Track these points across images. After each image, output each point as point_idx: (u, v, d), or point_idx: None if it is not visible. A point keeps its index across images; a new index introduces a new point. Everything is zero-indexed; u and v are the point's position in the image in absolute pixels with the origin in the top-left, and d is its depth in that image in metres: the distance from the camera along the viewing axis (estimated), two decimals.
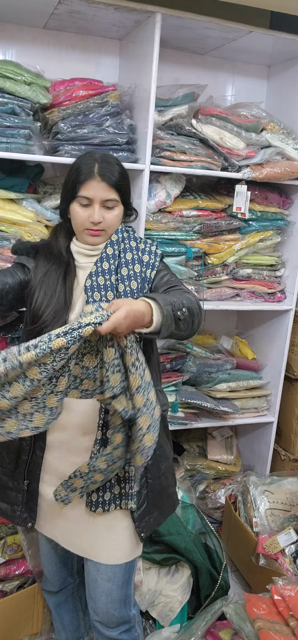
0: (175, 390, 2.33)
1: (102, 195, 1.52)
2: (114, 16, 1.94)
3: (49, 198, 2.08)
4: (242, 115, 2.28)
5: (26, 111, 1.92)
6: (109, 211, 1.54)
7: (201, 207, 2.26)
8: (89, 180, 1.51)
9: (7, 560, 1.99)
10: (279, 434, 2.67)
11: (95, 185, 1.51)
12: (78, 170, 1.54)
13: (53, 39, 2.18)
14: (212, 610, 1.89)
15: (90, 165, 1.53)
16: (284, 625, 1.63)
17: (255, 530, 2.17)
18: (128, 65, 2.21)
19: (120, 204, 1.57)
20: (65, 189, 1.58)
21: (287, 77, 2.41)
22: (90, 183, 1.51)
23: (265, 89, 2.57)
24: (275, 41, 2.13)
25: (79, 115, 2.00)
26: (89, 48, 2.24)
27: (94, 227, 1.53)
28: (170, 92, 2.18)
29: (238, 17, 2.00)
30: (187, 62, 2.40)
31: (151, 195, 2.14)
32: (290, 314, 2.46)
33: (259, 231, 2.39)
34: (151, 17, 1.91)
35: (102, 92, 2.04)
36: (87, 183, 1.51)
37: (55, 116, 1.98)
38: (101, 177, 1.51)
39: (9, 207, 1.97)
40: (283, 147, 2.26)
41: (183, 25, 2.01)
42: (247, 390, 2.53)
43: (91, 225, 1.53)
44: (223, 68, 2.48)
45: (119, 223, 1.60)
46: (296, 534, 2.05)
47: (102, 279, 1.51)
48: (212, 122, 2.19)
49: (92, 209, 1.53)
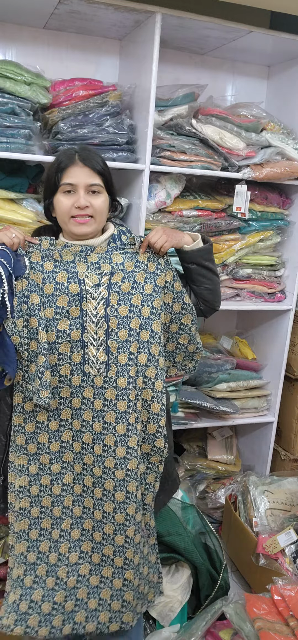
0: (175, 390, 2.33)
1: (86, 180, 1.51)
2: (114, 16, 1.94)
3: None
4: (242, 115, 2.28)
5: (26, 111, 1.92)
6: (94, 196, 1.53)
7: (201, 207, 2.26)
8: (71, 166, 1.51)
9: (7, 560, 1.99)
10: (279, 434, 2.67)
11: (78, 170, 1.51)
12: (58, 160, 1.54)
13: (53, 39, 2.18)
14: (212, 610, 1.89)
15: (70, 154, 1.54)
16: (284, 625, 1.63)
17: (255, 530, 2.17)
18: (128, 65, 2.21)
19: (105, 191, 1.56)
20: (47, 183, 1.57)
21: (287, 77, 2.41)
22: (73, 169, 1.51)
23: (265, 89, 2.57)
24: (275, 41, 2.13)
25: (79, 115, 2.00)
26: (89, 48, 2.24)
27: (81, 212, 1.51)
28: (170, 92, 2.18)
29: (238, 17, 1.99)
30: (187, 62, 2.40)
31: (151, 195, 2.14)
32: (290, 314, 2.46)
33: (259, 231, 2.39)
34: (151, 17, 1.91)
35: (102, 92, 2.04)
36: (69, 169, 1.51)
37: (55, 116, 1.98)
38: (83, 161, 1.51)
39: (9, 207, 1.97)
40: (283, 147, 2.26)
41: (183, 25, 2.01)
42: (247, 390, 2.53)
43: (77, 211, 1.51)
44: (223, 68, 2.48)
45: (107, 212, 1.60)
46: (296, 534, 2.05)
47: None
48: (212, 122, 2.19)
49: (76, 195, 1.51)
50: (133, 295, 1.59)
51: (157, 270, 1.63)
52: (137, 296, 1.60)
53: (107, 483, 1.61)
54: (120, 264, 1.60)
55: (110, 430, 1.60)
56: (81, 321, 1.56)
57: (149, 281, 1.62)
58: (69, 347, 1.57)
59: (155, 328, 1.61)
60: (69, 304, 1.55)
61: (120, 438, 1.60)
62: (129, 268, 1.60)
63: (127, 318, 1.58)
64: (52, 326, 1.54)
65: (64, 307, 1.55)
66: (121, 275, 1.59)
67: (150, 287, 1.61)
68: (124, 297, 1.58)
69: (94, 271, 1.58)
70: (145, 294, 1.61)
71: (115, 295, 1.58)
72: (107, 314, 1.57)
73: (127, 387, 1.59)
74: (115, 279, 1.59)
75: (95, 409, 1.60)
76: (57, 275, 1.56)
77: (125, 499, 1.60)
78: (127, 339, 1.58)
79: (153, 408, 1.64)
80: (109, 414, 1.59)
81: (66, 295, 1.55)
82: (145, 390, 1.63)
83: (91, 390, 1.59)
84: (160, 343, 1.63)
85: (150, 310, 1.61)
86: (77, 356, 1.58)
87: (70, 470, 1.65)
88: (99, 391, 1.59)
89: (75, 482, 1.66)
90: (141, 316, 1.60)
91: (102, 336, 1.57)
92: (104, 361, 1.58)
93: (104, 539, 1.64)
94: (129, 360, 1.59)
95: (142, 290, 1.60)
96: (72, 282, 1.56)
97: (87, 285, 1.56)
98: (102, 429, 1.60)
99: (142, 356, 1.61)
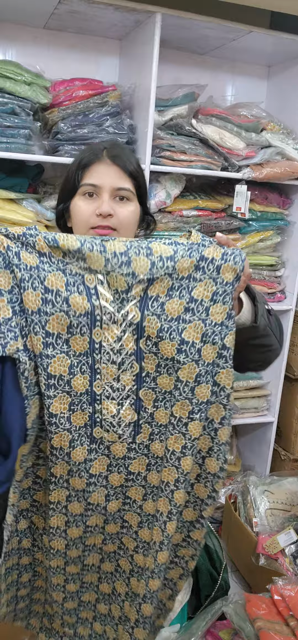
0: None
1: (113, 181, 1.16)
2: (114, 16, 1.94)
3: (49, 198, 2.07)
4: (242, 115, 2.28)
5: (26, 111, 1.92)
6: (121, 204, 1.17)
7: (201, 207, 2.26)
8: (96, 163, 1.17)
9: None
10: (279, 434, 2.67)
11: (104, 169, 1.17)
12: (82, 155, 1.21)
13: (53, 38, 2.18)
14: (212, 610, 1.89)
15: (97, 149, 1.20)
16: (284, 625, 1.63)
17: (255, 530, 2.17)
18: (128, 65, 2.21)
19: (136, 199, 1.20)
20: (65, 183, 1.24)
21: (287, 77, 2.41)
22: (98, 167, 1.17)
23: (265, 89, 2.57)
24: (275, 41, 2.13)
25: (79, 115, 2.00)
26: (89, 48, 2.24)
27: (102, 222, 1.14)
28: (170, 92, 2.18)
29: (238, 17, 1.99)
30: (187, 62, 2.40)
31: (151, 195, 2.14)
32: (290, 314, 2.46)
33: (259, 231, 2.39)
34: (151, 17, 1.91)
35: (102, 92, 2.04)
36: (94, 167, 1.17)
37: (55, 116, 1.98)
38: (112, 159, 1.18)
39: (9, 207, 1.96)
40: (283, 147, 2.26)
41: (183, 25, 2.00)
42: (247, 390, 2.53)
43: (98, 220, 1.14)
44: (223, 68, 2.48)
45: (135, 226, 1.21)
46: (296, 534, 2.05)
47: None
48: (212, 122, 2.19)
49: (99, 200, 1.16)
50: (187, 324, 0.98)
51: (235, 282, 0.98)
52: (195, 326, 0.98)
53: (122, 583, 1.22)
54: (168, 258, 0.97)
55: (134, 509, 1.12)
56: (91, 360, 0.99)
57: (220, 299, 0.97)
58: (66, 403, 1.00)
59: (223, 381, 1.01)
60: (70, 329, 0.96)
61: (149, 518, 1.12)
62: (183, 271, 0.97)
63: (173, 362, 0.99)
64: (40, 369, 0.96)
65: (60, 334, 0.96)
66: (167, 282, 0.97)
67: (221, 310, 0.97)
68: (170, 324, 0.98)
69: (117, 269, 0.96)
70: (211, 322, 0.98)
71: (155, 319, 0.98)
72: (139, 349, 1.00)
73: (166, 456, 1.06)
74: (156, 289, 0.98)
75: (111, 485, 1.09)
76: (46, 275, 0.94)
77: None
78: (171, 391, 1.02)
79: (197, 490, 1.10)
80: (135, 489, 1.10)
81: (65, 314, 0.95)
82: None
83: (105, 461, 1.07)
84: (228, 405, 1.03)
85: (218, 352, 0.99)
86: (81, 417, 1.02)
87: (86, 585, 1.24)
88: (118, 462, 1.08)
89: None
90: (200, 361, 0.99)
91: (130, 384, 1.02)
92: (132, 421, 1.05)
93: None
94: (173, 420, 1.03)
95: (204, 315, 0.98)
96: (75, 292, 0.96)
97: (103, 297, 0.98)
98: (122, 504, 1.12)
99: (194, 425, 1.02)
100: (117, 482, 1.09)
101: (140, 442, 1.06)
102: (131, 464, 1.07)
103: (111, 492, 1.10)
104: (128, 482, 1.09)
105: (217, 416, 1.03)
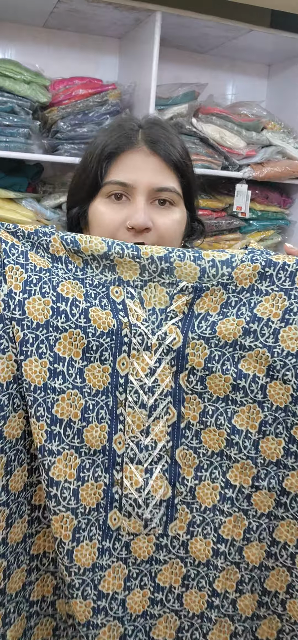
0: None
1: (152, 179, 0.83)
2: (114, 14, 1.93)
3: (49, 197, 2.07)
4: (243, 114, 2.27)
5: (25, 110, 1.91)
6: (163, 211, 0.85)
7: (201, 207, 2.25)
8: (127, 151, 0.84)
9: None
10: None
11: (139, 160, 0.84)
12: (106, 138, 0.86)
13: (52, 37, 2.17)
14: None
15: (128, 128, 0.86)
16: None
17: None
18: (128, 63, 2.20)
19: (182, 202, 0.89)
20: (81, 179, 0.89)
21: (288, 76, 2.40)
22: (130, 156, 0.84)
23: (265, 88, 2.56)
24: (276, 40, 2.12)
25: (79, 114, 1.99)
26: (89, 47, 2.23)
27: (135, 238, 0.82)
28: (170, 90, 2.17)
29: (238, 15, 1.99)
30: (187, 61, 2.39)
31: None
32: None
33: (260, 230, 2.38)
34: (151, 16, 1.90)
35: (101, 91, 2.03)
36: (124, 156, 0.84)
37: (55, 115, 1.97)
38: (151, 145, 0.84)
39: (8, 206, 1.96)
40: (283, 146, 2.25)
41: (183, 24, 2.00)
42: None
43: (129, 235, 0.82)
44: (224, 67, 2.47)
45: (180, 239, 0.89)
46: None
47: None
48: (212, 121, 2.19)
49: (131, 205, 0.84)
50: (247, 352, 0.72)
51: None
52: (258, 355, 0.71)
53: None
54: (223, 263, 0.73)
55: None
56: (112, 401, 0.71)
57: (295, 320, 0.72)
58: (74, 467, 0.69)
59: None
60: (87, 354, 0.70)
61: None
62: (242, 281, 0.73)
63: (227, 402, 0.72)
64: (42, 408, 0.67)
65: (72, 360, 0.69)
66: (220, 295, 0.73)
67: (297, 335, 0.71)
68: (223, 351, 0.72)
69: (156, 278, 0.72)
70: (282, 351, 0.71)
71: (202, 345, 0.71)
72: (178, 386, 0.72)
73: (212, 562, 0.72)
74: (205, 304, 0.73)
75: (130, 614, 0.72)
76: (61, 281, 0.70)
77: None
78: (223, 449, 0.72)
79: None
80: (164, 621, 0.73)
81: (81, 331, 0.69)
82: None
83: (121, 570, 0.71)
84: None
85: (291, 394, 0.71)
86: (93, 491, 0.70)
87: None
88: (140, 570, 0.72)
89: None
90: (265, 401, 0.72)
91: (163, 439, 0.72)
92: (165, 499, 0.72)
93: None
94: (223, 498, 0.71)
95: (272, 341, 0.71)
96: (96, 305, 0.71)
97: (134, 314, 0.71)
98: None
99: (259, 496, 0.72)
100: (137, 607, 0.70)
101: (174, 536, 0.71)
102: (160, 571, 0.71)
103: (129, 627, 0.69)
104: (154, 605, 0.71)
105: (292, 486, 0.70)
